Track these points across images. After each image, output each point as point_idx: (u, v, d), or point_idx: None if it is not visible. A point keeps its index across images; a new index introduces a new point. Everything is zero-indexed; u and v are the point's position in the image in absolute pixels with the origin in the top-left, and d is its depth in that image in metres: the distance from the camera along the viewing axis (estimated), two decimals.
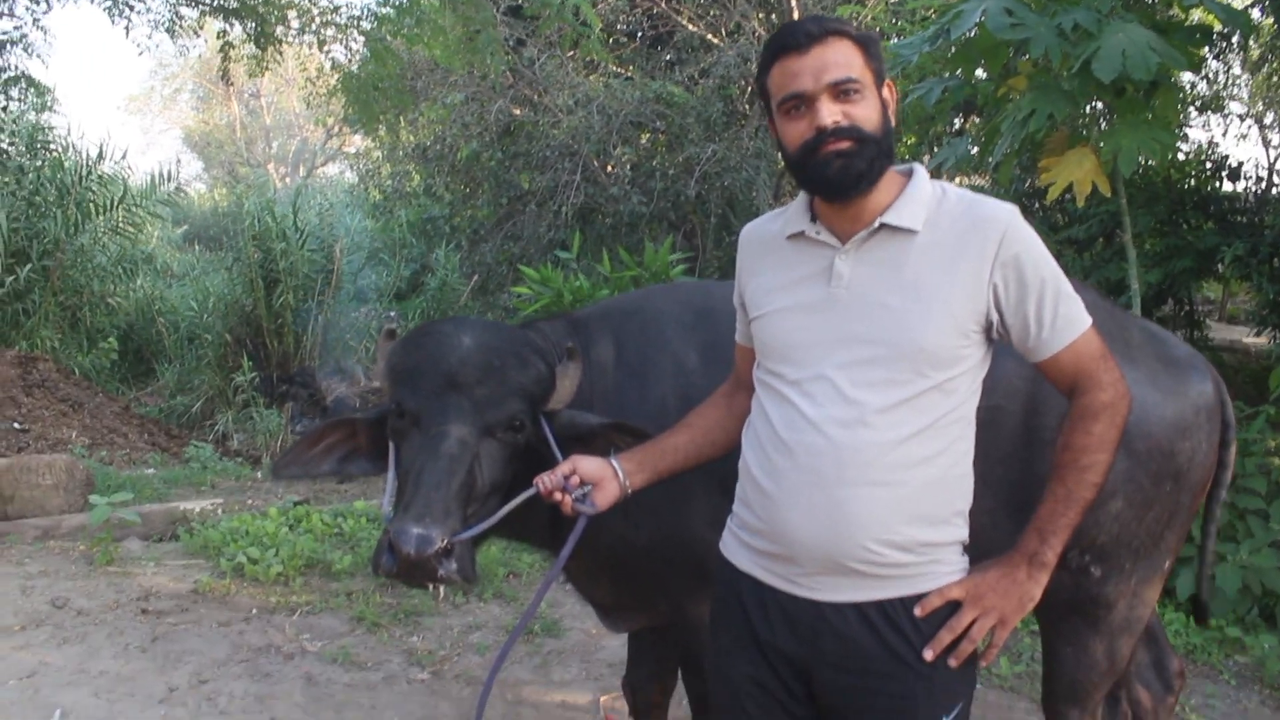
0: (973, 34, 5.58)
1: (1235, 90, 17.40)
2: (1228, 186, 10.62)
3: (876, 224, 1.83)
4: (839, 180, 1.81)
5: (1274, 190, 11.75)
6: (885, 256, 1.83)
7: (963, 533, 1.89)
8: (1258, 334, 10.72)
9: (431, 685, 4.15)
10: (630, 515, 2.39)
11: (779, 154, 11.95)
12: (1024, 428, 2.40)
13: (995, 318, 1.82)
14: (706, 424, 2.19)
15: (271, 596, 5.03)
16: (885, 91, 1.87)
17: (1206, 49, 6.47)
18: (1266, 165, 17.93)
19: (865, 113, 1.80)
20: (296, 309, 12.17)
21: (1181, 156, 10.57)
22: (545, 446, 2.28)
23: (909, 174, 1.89)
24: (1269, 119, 19.95)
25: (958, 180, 10.62)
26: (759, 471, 1.91)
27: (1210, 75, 15.48)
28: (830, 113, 1.78)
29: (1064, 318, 1.82)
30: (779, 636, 1.90)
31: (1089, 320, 1.85)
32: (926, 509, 1.81)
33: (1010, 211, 1.82)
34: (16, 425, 8.91)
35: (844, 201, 1.85)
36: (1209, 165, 10.71)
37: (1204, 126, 18.32)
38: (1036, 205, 10.41)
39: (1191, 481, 2.55)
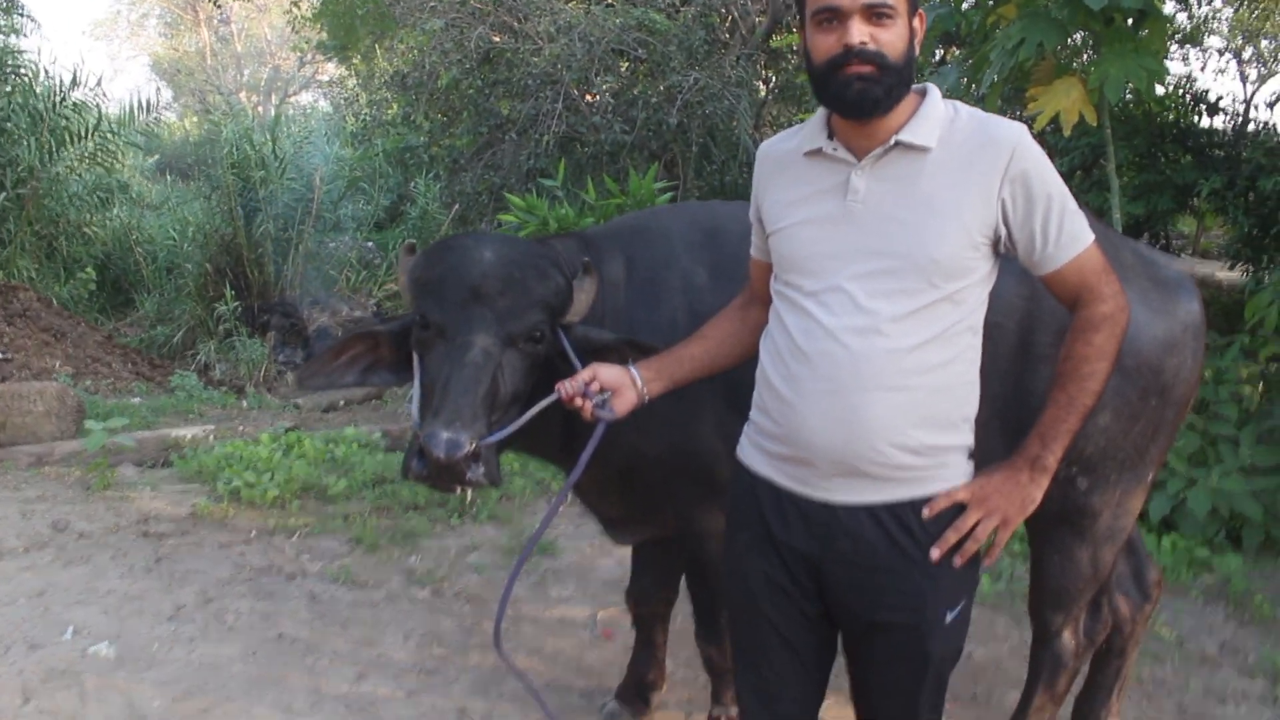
0: None
1: (1215, 25, 17.40)
2: (1206, 121, 10.71)
3: (892, 141, 1.89)
4: (857, 102, 1.86)
5: (1251, 125, 11.86)
6: (899, 172, 1.90)
7: (969, 438, 1.98)
8: (1230, 267, 10.88)
9: (432, 603, 4.27)
10: (642, 426, 2.46)
11: (759, 84, 11.85)
12: (1020, 344, 2.49)
13: (1003, 231, 1.89)
14: (721, 335, 2.27)
15: (269, 519, 5.12)
16: (916, 21, 1.92)
17: None
18: (1244, 99, 18.03)
19: (893, 39, 1.85)
20: (276, 238, 12.09)
21: (1161, 90, 10.64)
22: (563, 358, 2.35)
23: (923, 93, 1.95)
24: (1247, 53, 19.99)
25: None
26: (777, 379, 1.99)
27: (1191, 8, 15.50)
28: (860, 32, 1.83)
29: (1068, 233, 1.89)
30: (794, 536, 2.00)
31: (1091, 236, 1.93)
32: (936, 413, 1.90)
33: (1020, 130, 1.89)
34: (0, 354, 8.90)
35: (860, 121, 1.91)
36: (1188, 99, 10.77)
37: (1184, 60, 18.36)
38: None
39: (1176, 397, 2.66)
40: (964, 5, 6.42)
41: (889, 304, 1.87)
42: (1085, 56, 6.87)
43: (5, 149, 11.28)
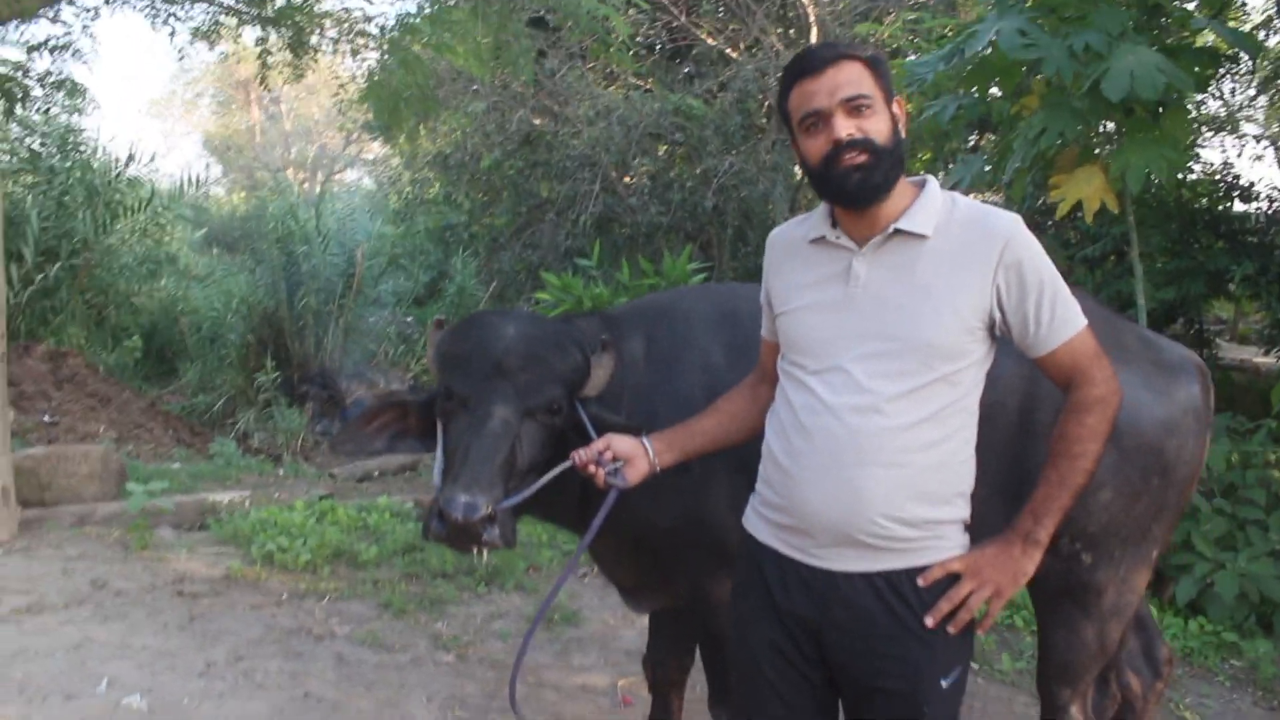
0: (987, 53, 5.78)
1: (1251, 112, 17.49)
2: (1240, 207, 10.76)
3: (891, 229, 2.02)
4: (857, 190, 2.00)
5: None
6: (898, 259, 2.03)
7: (964, 512, 2.08)
8: (1266, 353, 10.86)
9: (457, 667, 4.35)
10: (655, 497, 2.58)
11: (795, 167, 12.07)
12: (1020, 422, 2.59)
13: (998, 316, 2.01)
14: (732, 410, 2.39)
15: (301, 583, 5.24)
16: (895, 107, 2.06)
17: (1218, 70, 6.65)
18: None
19: (877, 126, 2.00)
20: (318, 311, 12.40)
21: (1194, 177, 10.73)
22: (580, 430, 2.48)
23: (922, 184, 2.09)
24: None
25: (974, 197, 10.79)
26: (780, 452, 2.10)
27: (1225, 96, 15.64)
28: (844, 126, 1.98)
29: (1061, 318, 2.01)
30: (796, 603, 2.09)
31: (1084, 321, 2.04)
32: (931, 489, 2.00)
33: (1014, 220, 2.02)
34: (47, 418, 9.15)
35: (861, 209, 2.04)
36: (1222, 186, 10.85)
37: (1220, 148, 18.42)
38: (1049, 223, 10.58)
39: (1178, 477, 2.73)
40: (990, 95, 6.58)
41: (887, 384, 1.98)
42: (1110, 146, 6.99)
43: (62, 221, 11.73)
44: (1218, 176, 11.02)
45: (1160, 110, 5.66)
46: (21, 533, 5.87)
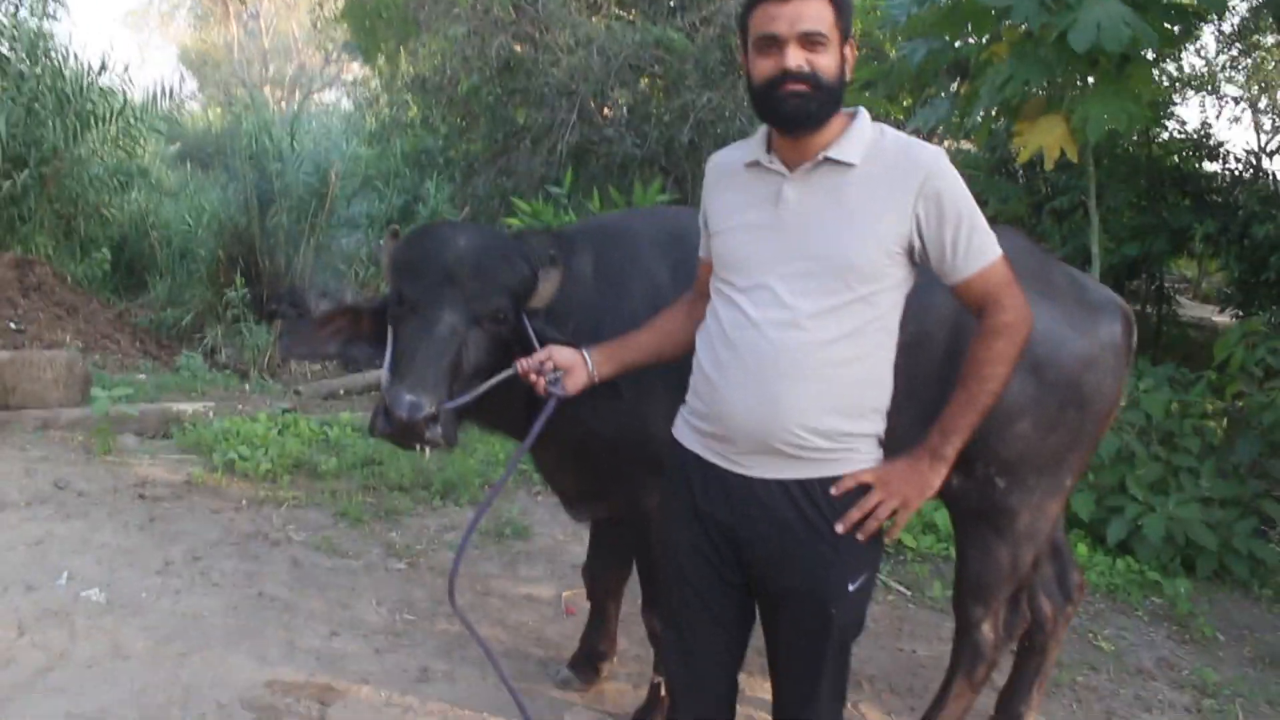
0: None
1: (1232, 75, 17.53)
2: (1210, 167, 10.89)
3: (820, 157, 2.12)
4: (792, 116, 2.10)
5: (1259, 175, 12.03)
6: (826, 185, 2.13)
7: (879, 427, 2.21)
8: (1222, 311, 11.07)
9: (407, 574, 4.49)
10: (597, 409, 2.70)
11: None
12: (946, 352, 2.71)
13: (917, 243, 2.12)
14: (669, 326, 2.51)
15: (260, 491, 5.36)
16: (847, 49, 2.15)
17: (1188, 26, 6.72)
18: (1256, 148, 18.17)
19: (826, 63, 2.09)
20: (289, 230, 12.36)
21: (1167, 135, 10.85)
22: (525, 341, 2.59)
23: (854, 115, 2.19)
24: (1263, 103, 20.15)
25: (945, 144, 10.87)
26: (707, 364, 2.23)
27: (1207, 56, 15.69)
28: (795, 57, 2.07)
29: (976, 247, 2.12)
30: (716, 507, 2.23)
31: (999, 252, 2.15)
32: (847, 403, 2.13)
33: (937, 153, 2.12)
34: (13, 325, 9.16)
35: (795, 136, 2.14)
36: (1191, 145, 10.96)
37: (1200, 108, 18.48)
38: (1020, 172, 10.69)
39: (1095, 410, 2.88)
40: (966, 41, 6.64)
41: (809, 301, 2.09)
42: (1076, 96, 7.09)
43: (31, 129, 11.56)
44: (1193, 136, 11.13)
45: (1125, 63, 5.74)
46: None
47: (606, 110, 12.58)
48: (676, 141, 11.66)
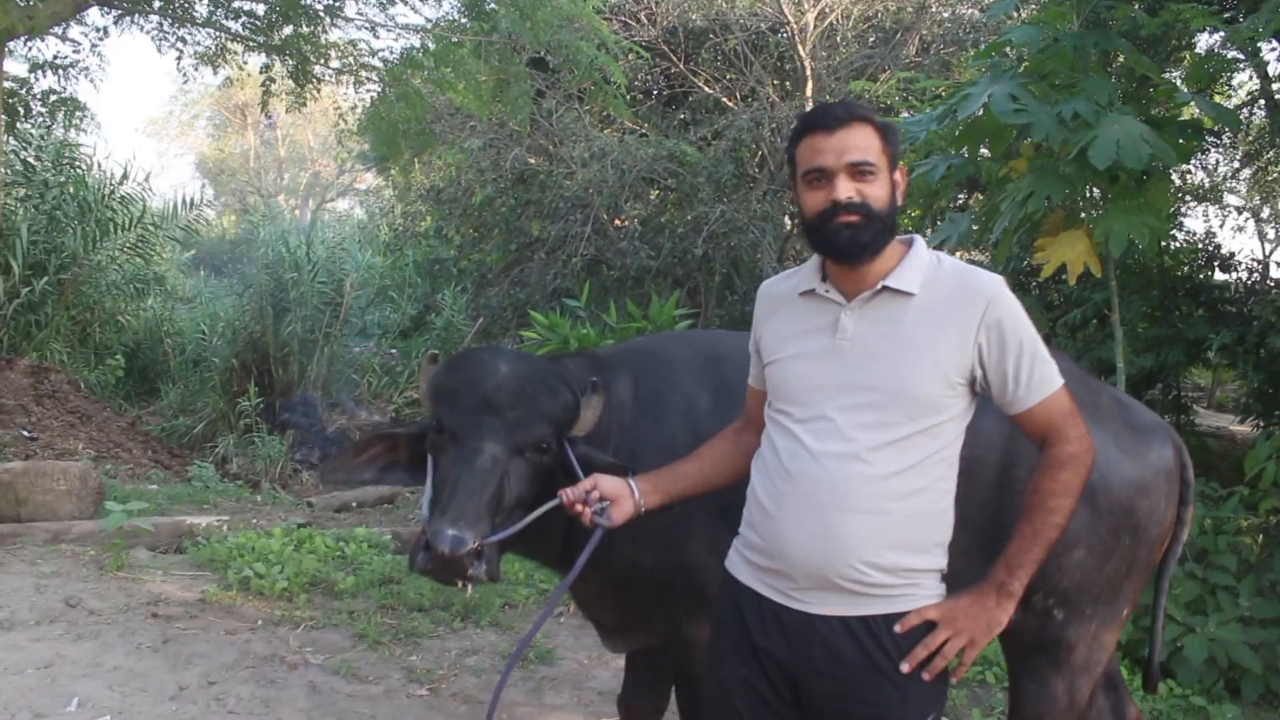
0: (980, 115, 5.91)
1: (1234, 185, 17.78)
2: (1221, 276, 10.94)
3: (879, 286, 2.09)
4: (847, 248, 2.08)
5: (1268, 282, 12.09)
6: (885, 315, 2.09)
7: (941, 562, 2.13)
8: (1241, 421, 10.98)
9: (429, 701, 4.35)
10: (638, 539, 2.63)
11: (785, 218, 12.21)
12: (999, 478, 2.64)
13: (979, 373, 2.08)
14: (716, 455, 2.44)
15: (276, 610, 5.22)
16: (896, 175, 2.15)
17: (1202, 142, 6.82)
18: (1261, 258, 18.34)
19: (877, 192, 2.08)
20: (303, 339, 12.43)
21: (1177, 245, 10.92)
22: (568, 470, 2.52)
23: (910, 244, 2.17)
24: (1265, 213, 20.40)
25: (959, 255, 10.95)
26: (764, 495, 2.16)
27: (1209, 168, 15.90)
28: (846, 189, 2.06)
29: (1038, 377, 2.08)
30: (773, 644, 2.13)
31: (1060, 381, 2.11)
32: (909, 537, 2.06)
33: (998, 281, 2.09)
34: (26, 433, 9.12)
35: (849, 266, 2.11)
36: (1203, 255, 11.03)
37: (1203, 217, 18.74)
38: (1034, 285, 10.73)
39: (1149, 537, 2.79)
40: (980, 156, 6.70)
41: (869, 434, 2.04)
42: (1095, 212, 7.14)
43: (52, 236, 11.75)
44: (1200, 245, 11.21)
45: (1144, 179, 5.78)
46: None
47: (620, 222, 12.74)
48: (690, 253, 11.76)
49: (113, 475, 8.81)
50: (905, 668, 2.04)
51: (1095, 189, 6.26)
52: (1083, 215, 6.11)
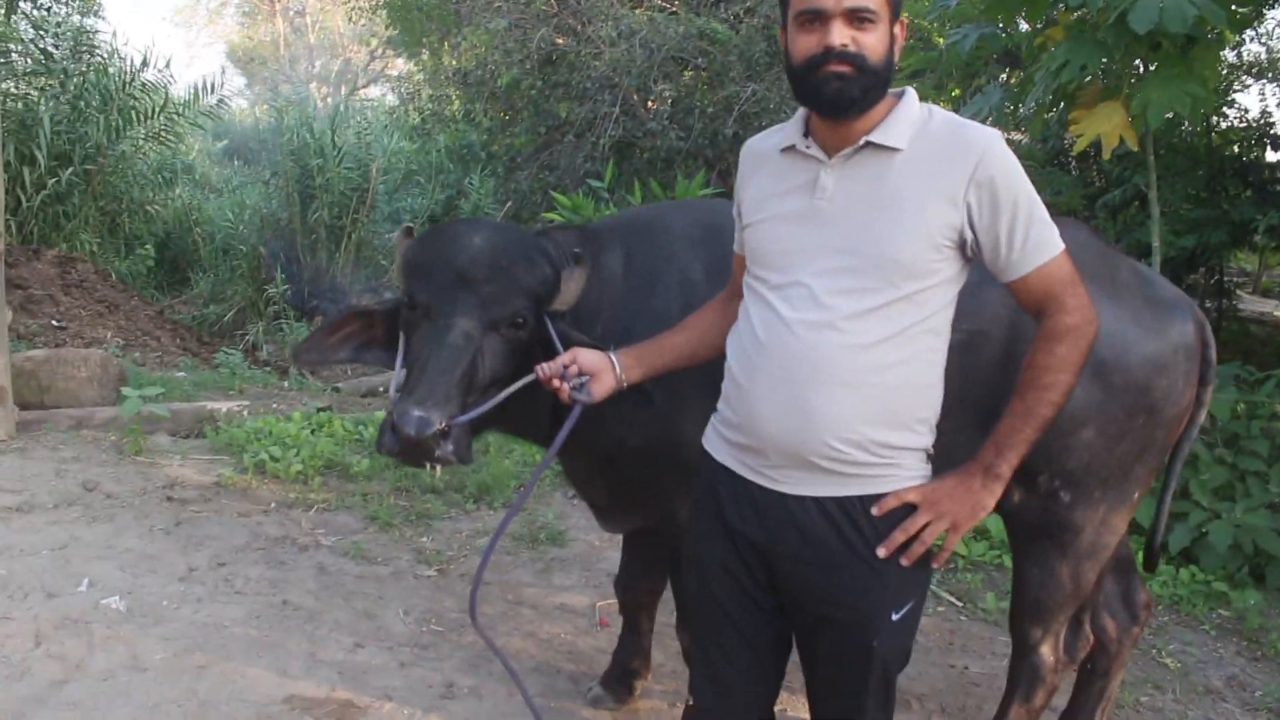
0: None
1: None
2: (1273, 156, 10.50)
3: (862, 141, 1.93)
4: (833, 100, 1.90)
5: None
6: (868, 172, 1.93)
7: (926, 440, 2.00)
8: None
9: (437, 581, 4.35)
10: (627, 417, 2.53)
11: None
12: (1004, 353, 2.49)
13: (969, 235, 1.91)
14: (702, 326, 2.32)
15: (290, 493, 5.24)
16: (896, 28, 1.95)
17: (1259, 7, 6.42)
18: None
19: (873, 42, 1.89)
20: (331, 225, 12.34)
21: (1226, 124, 10.48)
22: (548, 346, 2.41)
23: (900, 95, 1.99)
24: None
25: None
26: (737, 368, 2.04)
27: (1267, 37, 15.16)
28: (841, 35, 1.87)
29: (1034, 241, 1.91)
30: (748, 525, 2.04)
31: (1060, 246, 1.94)
32: (889, 412, 1.93)
33: (991, 135, 1.92)
34: (55, 322, 9.16)
35: (835, 120, 1.94)
36: (1254, 134, 10.58)
37: (1260, 95, 17.99)
38: (1072, 163, 10.37)
39: (1166, 418, 2.65)
40: (1015, 26, 6.39)
41: (847, 301, 1.90)
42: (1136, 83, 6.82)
43: (76, 126, 11.63)
44: (1255, 124, 10.75)
45: (1190, 46, 5.45)
46: (18, 433, 5.89)
47: (650, 103, 12.42)
48: (721, 134, 11.46)
49: (141, 363, 8.86)
50: (882, 552, 1.94)
51: (1138, 61, 5.94)
52: (1123, 88, 5.81)
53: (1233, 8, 5.51)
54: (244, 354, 10.25)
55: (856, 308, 1.89)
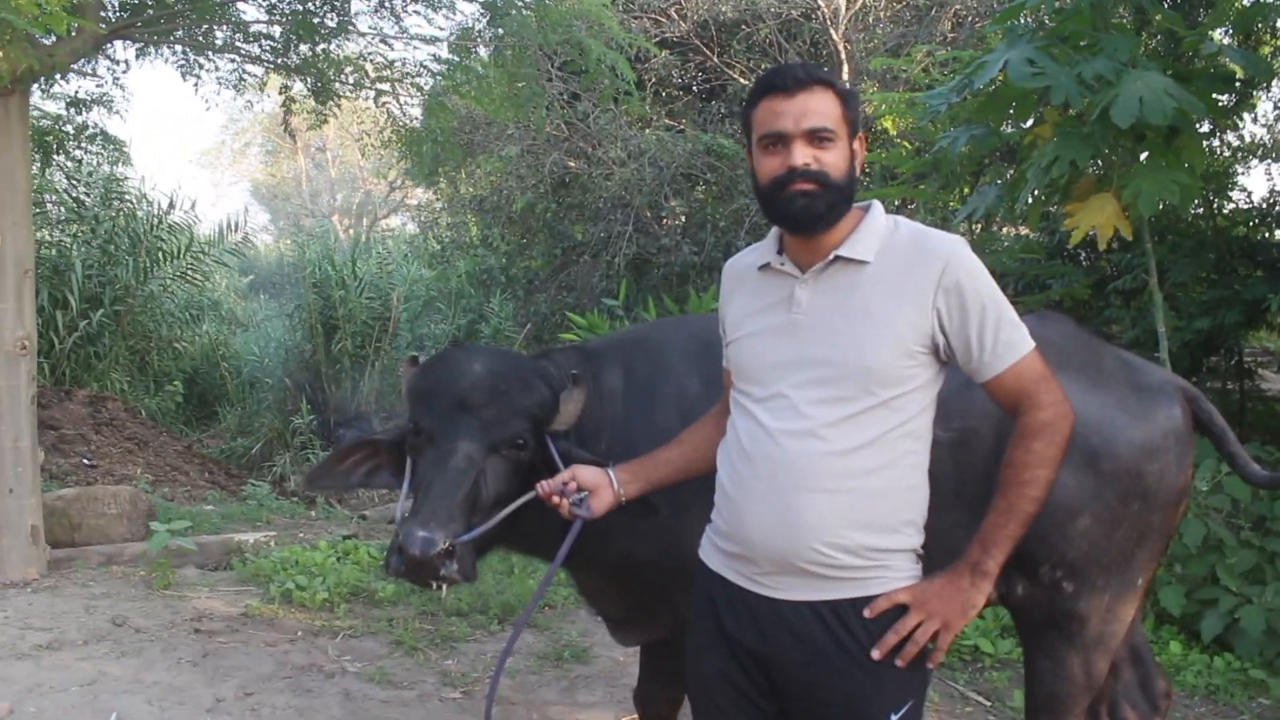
0: (999, 84, 5.79)
1: None
2: None
3: (832, 256, 2.03)
4: (800, 218, 2.02)
5: None
6: (839, 285, 2.03)
7: (914, 541, 2.06)
8: None
9: (462, 704, 4.36)
10: (633, 531, 2.60)
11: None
12: (995, 448, 2.51)
13: (941, 339, 2.00)
14: (696, 441, 2.40)
15: (317, 621, 5.29)
16: (856, 143, 2.07)
17: (1232, 93, 6.58)
18: None
19: (834, 160, 2.01)
20: (354, 355, 12.60)
21: (1232, 206, 10.59)
22: (551, 465, 2.51)
23: (867, 209, 2.10)
24: None
25: (1003, 230, 10.74)
26: (726, 479, 2.12)
27: (1268, 123, 15.37)
28: (803, 155, 1.99)
29: (1004, 342, 1.99)
30: (744, 632, 2.09)
31: (1030, 345, 2.02)
32: (873, 516, 1.99)
33: (955, 242, 2.02)
34: (86, 461, 9.34)
35: (805, 236, 2.06)
36: (1258, 214, 10.68)
37: (1266, 175, 18.12)
38: (1082, 254, 10.47)
39: (1160, 501, 2.69)
40: (1004, 125, 6.57)
41: (826, 410, 1.98)
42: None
43: (106, 269, 12.05)
44: (1263, 204, 10.85)
45: (1173, 135, 5.60)
46: (50, 571, 5.99)
47: (663, 220, 12.71)
48: (734, 247, 11.65)
49: (170, 498, 8.99)
50: (876, 654, 1.98)
51: (1126, 151, 6.09)
52: (1113, 179, 5.95)
53: (1212, 96, 5.67)
54: (271, 485, 10.38)
55: (835, 416, 1.97)
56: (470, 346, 2.99)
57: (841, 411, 1.97)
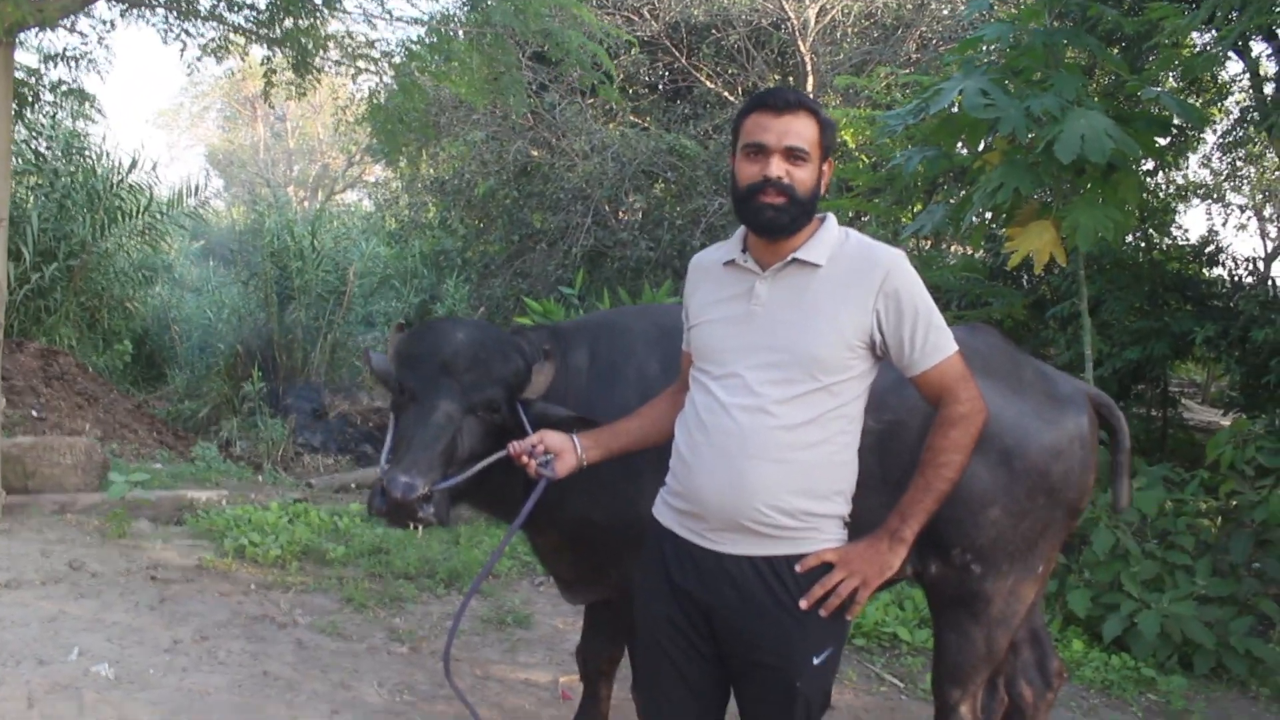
0: (954, 110, 6.12)
1: (1238, 184, 17.86)
2: (1218, 272, 11.08)
3: (790, 257, 2.32)
4: (767, 225, 2.31)
5: (1262, 281, 12.19)
6: (794, 283, 2.33)
7: (843, 509, 2.36)
8: (1225, 414, 11.13)
9: (409, 658, 4.60)
10: (591, 495, 2.88)
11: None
12: (919, 440, 2.82)
13: (878, 337, 2.30)
14: (654, 414, 2.68)
15: (269, 575, 5.49)
16: (825, 166, 2.37)
17: (1168, 136, 6.97)
18: (1263, 256, 18.38)
19: (804, 177, 2.30)
20: (307, 326, 12.69)
21: (1169, 242, 11.07)
22: (521, 429, 2.77)
23: (823, 220, 2.39)
24: (1267, 210, 20.45)
25: (952, 249, 11.14)
26: (683, 446, 2.40)
27: (1213, 165, 16.01)
28: (779, 168, 2.28)
29: (932, 343, 2.30)
30: (689, 581, 2.37)
31: (954, 348, 2.33)
32: (811, 484, 2.29)
33: (896, 254, 2.32)
34: (35, 413, 9.39)
35: (769, 240, 2.34)
36: (1191, 252, 11.17)
37: (1206, 215, 18.78)
38: (1024, 277, 10.89)
39: (1064, 499, 3.01)
40: (956, 150, 6.90)
41: (775, 389, 2.27)
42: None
43: (62, 223, 11.99)
44: (1192, 243, 11.34)
45: (1111, 174, 5.97)
46: (4, 516, 6.11)
47: (621, 214, 12.95)
48: (689, 245, 11.93)
49: (119, 454, 9.09)
50: (804, 604, 2.27)
51: (1067, 183, 6.46)
52: (1054, 208, 6.31)
53: (1150, 138, 6.06)
54: (219, 449, 10.49)
55: (784, 395, 2.26)
56: (455, 319, 3.24)
57: (789, 392, 2.26)
